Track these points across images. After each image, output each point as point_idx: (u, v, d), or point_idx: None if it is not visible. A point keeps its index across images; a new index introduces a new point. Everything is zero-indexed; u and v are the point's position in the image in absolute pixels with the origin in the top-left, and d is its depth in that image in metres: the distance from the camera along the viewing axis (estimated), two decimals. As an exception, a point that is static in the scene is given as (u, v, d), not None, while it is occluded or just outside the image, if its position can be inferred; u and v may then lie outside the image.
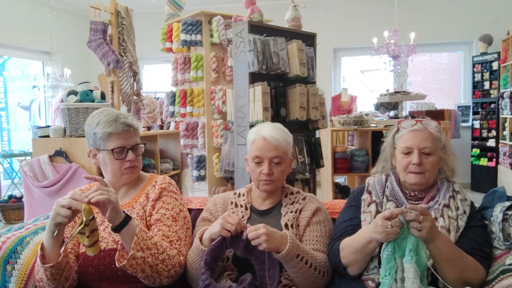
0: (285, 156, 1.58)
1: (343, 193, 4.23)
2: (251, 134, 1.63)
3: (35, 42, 6.33)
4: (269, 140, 1.55)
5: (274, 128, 1.60)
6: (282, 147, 1.56)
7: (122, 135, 1.49)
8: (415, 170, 1.43)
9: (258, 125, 1.66)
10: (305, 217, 1.56)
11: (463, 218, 1.41)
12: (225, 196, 1.69)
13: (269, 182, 1.56)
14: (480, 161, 6.14)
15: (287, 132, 1.63)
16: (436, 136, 1.47)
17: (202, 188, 4.23)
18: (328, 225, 1.58)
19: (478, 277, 1.32)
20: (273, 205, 1.63)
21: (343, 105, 6.11)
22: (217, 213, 1.62)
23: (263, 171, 1.55)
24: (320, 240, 1.52)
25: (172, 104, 4.21)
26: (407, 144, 1.47)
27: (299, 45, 3.05)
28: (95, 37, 3.06)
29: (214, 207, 1.64)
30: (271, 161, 1.55)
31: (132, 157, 1.51)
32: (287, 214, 1.57)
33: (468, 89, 6.53)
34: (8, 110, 7.23)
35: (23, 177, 2.95)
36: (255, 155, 1.57)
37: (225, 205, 1.64)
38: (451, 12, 6.42)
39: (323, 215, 1.59)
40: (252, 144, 1.60)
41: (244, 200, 1.64)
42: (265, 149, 1.55)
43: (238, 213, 1.60)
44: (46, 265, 1.32)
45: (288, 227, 1.53)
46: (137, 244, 1.30)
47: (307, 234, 1.53)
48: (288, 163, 1.61)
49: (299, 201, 1.61)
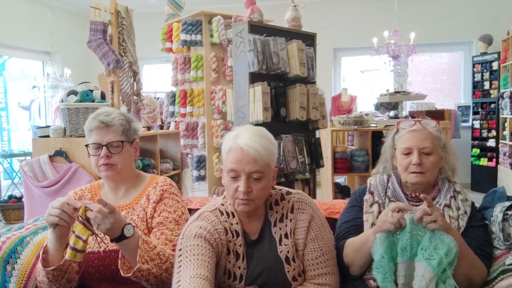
0: (267, 170, 1.31)
1: (343, 193, 4.23)
2: (227, 140, 1.35)
3: (35, 42, 6.32)
4: (247, 151, 1.28)
5: (254, 136, 1.31)
6: (263, 160, 1.29)
7: (98, 131, 1.50)
8: (416, 170, 1.43)
9: (236, 129, 1.37)
10: (301, 239, 1.37)
11: (464, 218, 1.41)
12: (216, 220, 1.39)
13: (246, 202, 1.31)
14: (480, 161, 6.13)
15: (270, 139, 1.35)
16: (436, 135, 1.47)
17: (202, 188, 4.23)
18: (327, 234, 1.42)
19: (481, 277, 1.33)
20: (261, 224, 1.41)
21: (343, 105, 6.11)
22: (217, 247, 1.35)
23: (239, 188, 1.29)
24: (322, 261, 1.37)
25: (172, 104, 4.21)
26: (406, 144, 1.47)
27: (299, 45, 3.05)
28: (95, 37, 3.06)
29: (212, 237, 1.34)
30: (249, 176, 1.29)
31: (104, 154, 1.48)
32: (283, 242, 1.37)
33: (468, 89, 6.53)
34: (8, 110, 7.23)
35: (23, 177, 2.95)
36: (230, 168, 1.31)
37: (223, 235, 1.37)
38: (451, 12, 6.42)
39: (317, 224, 1.40)
40: (227, 154, 1.33)
41: (238, 224, 1.38)
42: (242, 161, 1.28)
43: (237, 247, 1.37)
44: (48, 268, 1.31)
45: (290, 261, 1.35)
46: (141, 257, 1.29)
47: (307, 257, 1.37)
48: (270, 177, 1.35)
49: (288, 214, 1.39)
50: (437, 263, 1.19)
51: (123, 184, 1.59)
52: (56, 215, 1.25)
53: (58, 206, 1.26)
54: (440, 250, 1.20)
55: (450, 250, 1.20)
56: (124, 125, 1.53)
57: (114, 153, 1.50)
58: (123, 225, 1.28)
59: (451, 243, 1.21)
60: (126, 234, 1.28)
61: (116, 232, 1.27)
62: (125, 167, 1.54)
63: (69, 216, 1.26)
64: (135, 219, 1.51)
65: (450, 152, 1.51)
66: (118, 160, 1.51)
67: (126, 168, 1.55)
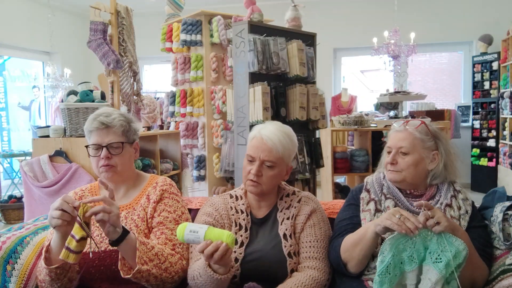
0: (279, 161, 1.48)
1: (343, 193, 4.23)
2: (253, 130, 1.55)
3: (35, 42, 6.33)
4: (265, 141, 1.47)
5: (276, 130, 1.50)
6: (278, 152, 1.46)
7: (98, 132, 1.49)
8: (390, 168, 1.50)
9: (265, 123, 1.57)
10: (300, 223, 1.50)
11: (465, 218, 1.41)
12: (224, 200, 1.59)
13: (255, 184, 1.47)
14: (480, 161, 6.13)
15: (291, 137, 1.53)
16: (418, 136, 1.47)
17: (202, 188, 4.23)
18: (324, 227, 1.53)
19: (484, 278, 1.33)
20: (270, 209, 1.56)
21: (343, 105, 6.12)
22: (221, 219, 1.52)
23: (251, 170, 1.47)
24: (314, 245, 1.47)
25: (172, 104, 4.21)
26: (388, 144, 1.54)
27: (299, 45, 3.05)
28: (95, 37, 3.06)
29: (217, 212, 1.54)
30: (263, 163, 1.47)
31: (104, 155, 1.48)
32: (284, 222, 1.51)
33: (468, 89, 6.53)
34: (8, 110, 7.23)
35: (23, 177, 2.95)
36: (248, 152, 1.51)
37: (227, 211, 1.55)
38: (451, 12, 6.42)
39: (318, 216, 1.53)
40: (250, 141, 1.53)
41: (244, 205, 1.55)
42: (259, 149, 1.47)
43: (240, 220, 1.52)
44: (52, 266, 1.31)
45: (287, 237, 1.47)
46: (140, 258, 1.30)
47: (302, 240, 1.49)
48: (282, 170, 1.52)
49: (294, 204, 1.54)
50: (443, 265, 1.17)
51: (123, 184, 1.59)
52: (58, 217, 1.25)
53: (58, 206, 1.26)
54: (448, 252, 1.18)
55: (459, 252, 1.18)
56: (124, 126, 1.53)
57: (114, 154, 1.50)
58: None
59: (461, 245, 1.18)
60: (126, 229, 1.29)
61: (118, 231, 1.27)
62: (125, 168, 1.54)
63: (70, 215, 1.26)
64: (135, 219, 1.51)
65: (447, 151, 1.50)
66: (118, 161, 1.51)
67: (126, 169, 1.55)
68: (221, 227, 1.49)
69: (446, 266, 1.17)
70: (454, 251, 1.18)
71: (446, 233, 1.20)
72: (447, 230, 1.21)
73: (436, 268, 1.18)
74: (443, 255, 1.19)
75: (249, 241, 1.49)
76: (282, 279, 1.42)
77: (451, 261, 1.17)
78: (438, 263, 1.18)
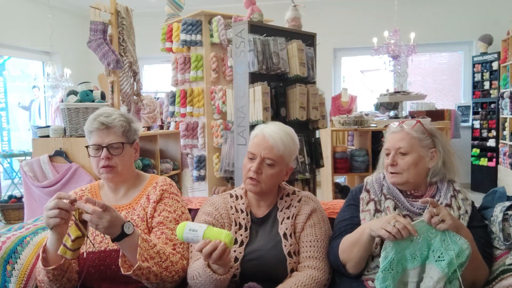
0: (280, 160, 1.48)
1: (343, 193, 4.22)
2: (255, 129, 1.56)
3: (35, 42, 6.32)
4: (267, 138, 1.47)
5: (278, 130, 1.51)
6: (278, 150, 1.46)
7: (98, 132, 1.49)
8: (391, 170, 1.48)
9: (268, 123, 1.59)
10: (300, 223, 1.50)
11: (465, 217, 1.41)
12: (224, 200, 1.59)
13: (254, 183, 1.47)
14: (480, 161, 6.14)
15: (293, 137, 1.53)
16: (415, 135, 1.47)
17: (202, 188, 4.23)
18: (324, 226, 1.53)
19: (485, 278, 1.33)
20: (270, 209, 1.56)
21: (343, 105, 6.11)
22: (221, 219, 1.53)
23: (252, 168, 1.47)
24: (314, 245, 1.47)
25: (172, 104, 4.21)
26: (386, 145, 1.53)
27: (299, 45, 3.05)
28: (95, 37, 3.06)
29: (217, 212, 1.54)
30: (263, 161, 1.47)
31: (104, 155, 1.47)
32: (284, 221, 1.51)
33: (468, 89, 6.53)
34: (8, 110, 7.23)
35: (23, 177, 2.95)
36: (250, 150, 1.51)
37: (227, 210, 1.55)
38: (451, 12, 6.42)
39: (318, 216, 1.53)
40: (252, 139, 1.54)
41: (244, 204, 1.55)
42: (260, 146, 1.47)
43: (240, 219, 1.52)
44: (49, 267, 1.32)
45: (287, 237, 1.47)
46: (141, 255, 1.30)
47: (302, 240, 1.49)
48: (282, 169, 1.51)
49: (295, 203, 1.54)
50: (446, 264, 1.17)
51: (123, 184, 1.59)
52: (55, 216, 1.25)
53: (53, 206, 1.25)
54: (451, 251, 1.18)
55: (462, 251, 1.18)
56: (124, 126, 1.52)
57: (115, 154, 1.49)
58: (122, 223, 1.28)
59: (464, 244, 1.18)
60: (126, 231, 1.28)
61: (116, 230, 1.27)
62: (125, 168, 1.54)
63: (67, 212, 1.26)
64: (135, 219, 1.51)
65: (445, 149, 1.50)
66: (119, 161, 1.50)
67: (127, 169, 1.55)
68: (221, 227, 1.50)
69: (449, 265, 1.17)
70: (457, 250, 1.18)
71: (450, 232, 1.20)
72: (452, 229, 1.21)
73: (438, 267, 1.18)
74: (446, 254, 1.18)
75: (249, 240, 1.49)
76: (282, 278, 1.43)
77: (454, 259, 1.17)
78: (441, 261, 1.18)
